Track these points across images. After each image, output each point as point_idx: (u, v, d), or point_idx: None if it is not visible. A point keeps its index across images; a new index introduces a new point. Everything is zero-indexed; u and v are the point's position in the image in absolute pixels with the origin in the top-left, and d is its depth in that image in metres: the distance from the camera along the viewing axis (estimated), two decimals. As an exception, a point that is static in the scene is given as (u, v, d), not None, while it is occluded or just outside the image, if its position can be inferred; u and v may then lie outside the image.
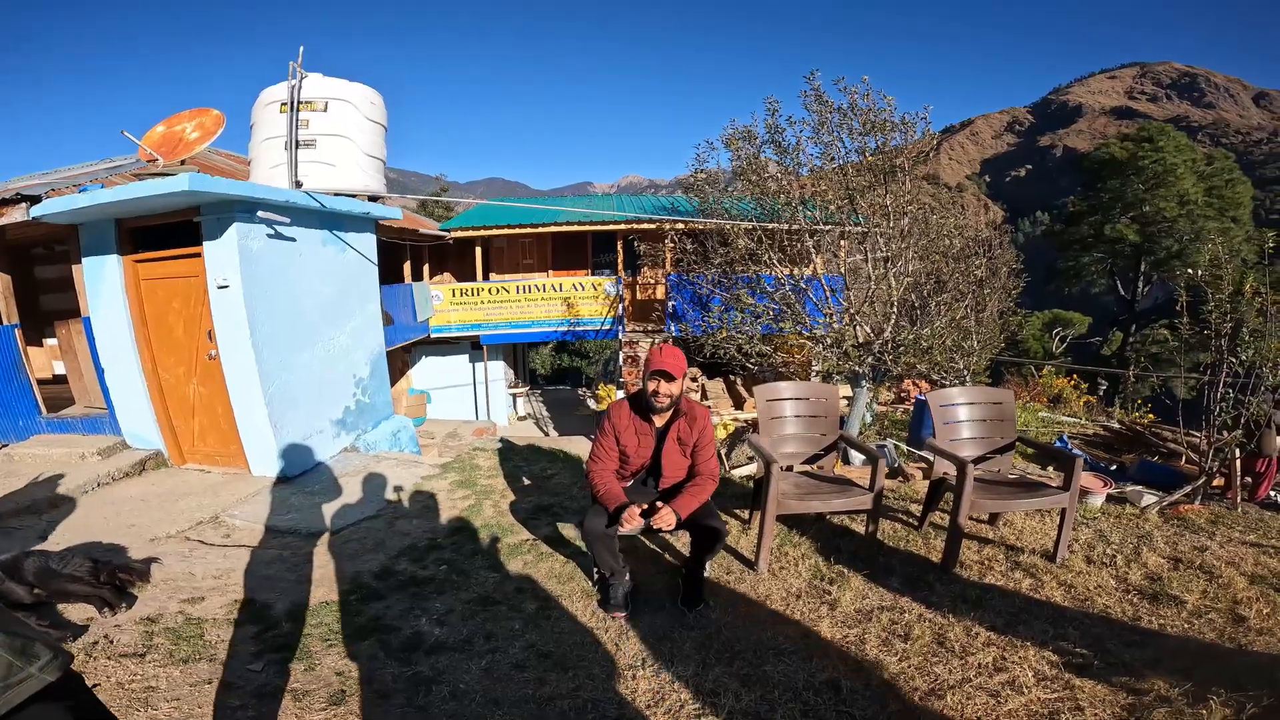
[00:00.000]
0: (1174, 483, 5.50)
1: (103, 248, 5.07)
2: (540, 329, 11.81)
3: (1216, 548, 3.15)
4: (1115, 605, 2.62)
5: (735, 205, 9.24)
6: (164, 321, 5.22)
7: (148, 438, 5.39)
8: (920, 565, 3.11)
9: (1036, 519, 3.66)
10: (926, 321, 7.34)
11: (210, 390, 5.17)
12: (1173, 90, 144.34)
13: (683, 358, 2.71)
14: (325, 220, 5.78)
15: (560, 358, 26.08)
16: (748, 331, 8.42)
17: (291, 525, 4.09)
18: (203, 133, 5.01)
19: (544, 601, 2.85)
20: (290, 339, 5.33)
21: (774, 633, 2.48)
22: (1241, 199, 23.00)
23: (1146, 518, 3.69)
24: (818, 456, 3.63)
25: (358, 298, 6.39)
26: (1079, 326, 25.33)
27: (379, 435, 6.44)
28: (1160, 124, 25.47)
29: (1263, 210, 49.48)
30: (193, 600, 2.93)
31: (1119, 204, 23.54)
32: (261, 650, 2.48)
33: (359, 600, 2.94)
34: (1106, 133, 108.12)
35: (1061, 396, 12.94)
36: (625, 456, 2.82)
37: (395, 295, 9.60)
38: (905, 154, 7.16)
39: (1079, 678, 2.08)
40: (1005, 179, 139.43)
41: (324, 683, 2.26)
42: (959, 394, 3.59)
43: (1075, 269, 26.25)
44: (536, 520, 3.96)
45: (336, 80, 5.61)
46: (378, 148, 5.99)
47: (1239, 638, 2.30)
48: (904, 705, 2.00)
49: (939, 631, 2.44)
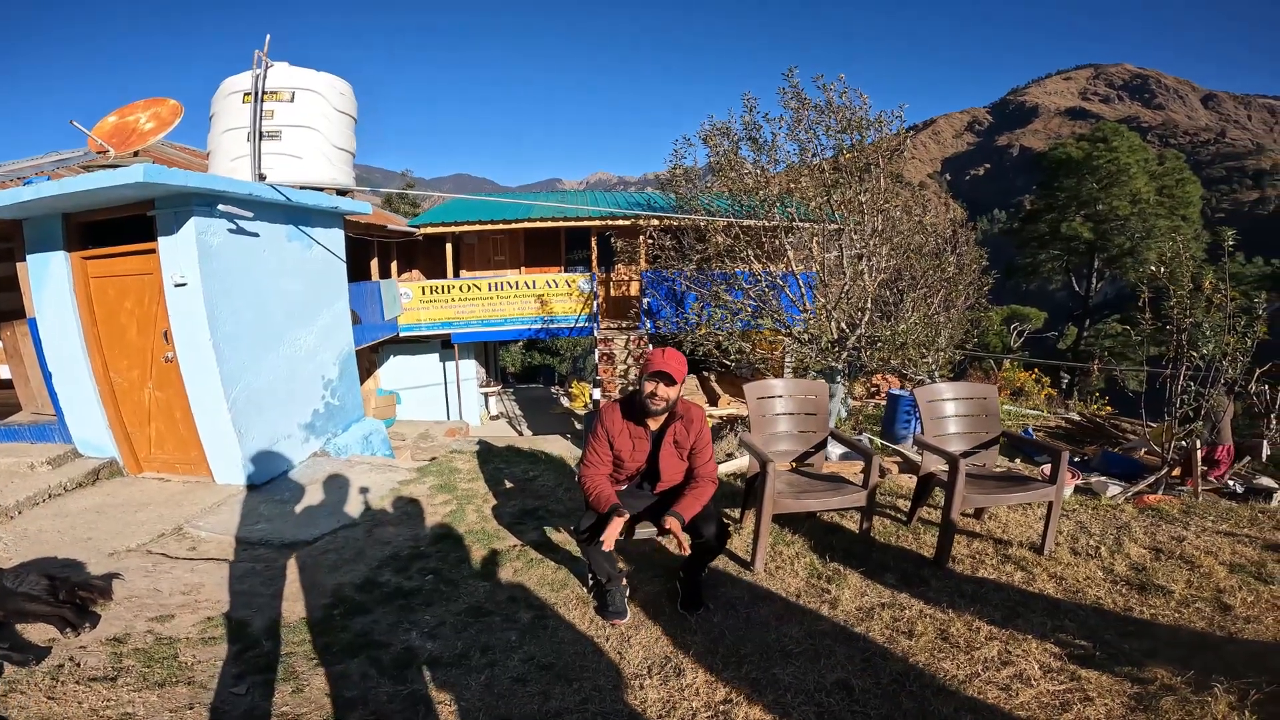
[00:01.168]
0: (1135, 473, 5.72)
1: (49, 244, 4.74)
2: (513, 327, 11.62)
3: (1193, 537, 3.25)
4: (1106, 596, 2.67)
5: (713, 201, 9.23)
6: (115, 322, 4.92)
7: (101, 445, 5.08)
8: (913, 560, 3.13)
9: (1019, 511, 3.73)
10: (900, 317, 7.45)
11: (168, 394, 4.90)
12: (1125, 91, 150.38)
13: (685, 362, 2.62)
14: (291, 215, 5.53)
15: (531, 355, 25.81)
16: (726, 328, 8.42)
17: (263, 536, 3.90)
18: (158, 123, 4.72)
19: (539, 610, 2.76)
20: (254, 339, 5.08)
21: (778, 634, 2.45)
22: (1191, 198, 24.02)
23: (1123, 509, 3.79)
24: (808, 454, 3.62)
25: (326, 296, 6.15)
26: (1035, 321, 26.26)
27: (350, 439, 6.22)
28: (1114, 124, 26.39)
29: (1209, 209, 52.06)
30: (161, 618, 2.76)
31: (1074, 202, 24.37)
32: (243, 671, 2.33)
33: (343, 615, 2.80)
34: (1061, 133, 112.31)
35: (1024, 390, 13.38)
36: (620, 461, 2.73)
37: (363, 293, 9.30)
38: (880, 150, 7.25)
39: (1084, 669, 2.10)
40: (965, 177, 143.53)
41: (315, 705, 2.13)
42: (947, 389, 3.62)
43: (1032, 265, 27.13)
44: (523, 525, 3.86)
45: (304, 70, 5.37)
46: (347, 140, 5.77)
47: (1228, 626, 2.36)
48: (918, 703, 1.99)
49: (941, 627, 2.44)
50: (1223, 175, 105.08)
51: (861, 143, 7.19)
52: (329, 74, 5.57)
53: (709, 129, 8.18)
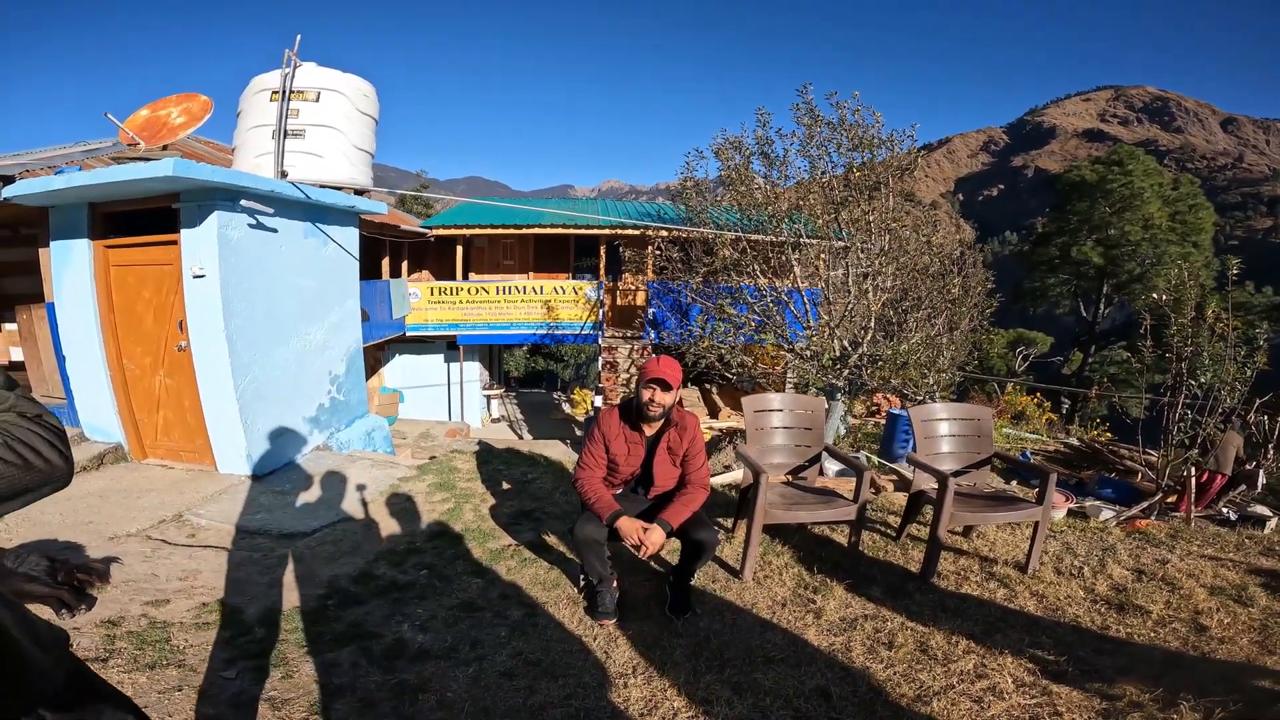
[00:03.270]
0: (1131, 498, 5.73)
1: (73, 231, 4.88)
2: (519, 331, 11.72)
3: (1177, 560, 3.29)
4: (1085, 615, 2.71)
5: (722, 215, 9.33)
6: (133, 310, 5.04)
7: (108, 430, 5.19)
8: (900, 575, 3.18)
9: (1007, 531, 3.77)
10: (903, 337, 7.50)
11: (178, 383, 5.00)
12: (1144, 113, 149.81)
13: (680, 369, 2.71)
14: (309, 212, 5.66)
15: (534, 360, 25.90)
16: (730, 342, 8.48)
17: (262, 525, 3.98)
18: (189, 118, 4.86)
19: (530, 608, 2.82)
20: (266, 332, 5.19)
21: (762, 640, 2.50)
22: (1204, 224, 23.78)
23: (1110, 531, 3.83)
24: (802, 468, 3.68)
25: (337, 293, 6.27)
26: (1041, 346, 26.14)
27: (353, 434, 6.31)
28: (1130, 147, 26.19)
29: (1222, 236, 51.65)
30: (157, 603, 2.82)
31: (1086, 226, 24.17)
32: (234, 656, 2.40)
33: (337, 605, 2.87)
34: (1077, 154, 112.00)
35: (1024, 413, 13.35)
36: (615, 465, 2.80)
37: (373, 291, 9.44)
38: (889, 168, 7.31)
39: (1055, 684, 2.15)
40: (978, 198, 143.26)
41: (303, 691, 2.20)
42: (941, 410, 3.68)
43: (1040, 289, 27.02)
44: (519, 525, 3.93)
45: (330, 70, 5.52)
46: (367, 141, 5.90)
47: (1202, 646, 2.41)
48: (892, 711, 2.04)
49: (921, 639, 2.49)
50: (1238, 201, 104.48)
51: (872, 161, 7.27)
52: (354, 75, 5.72)
53: (721, 142, 8.27)
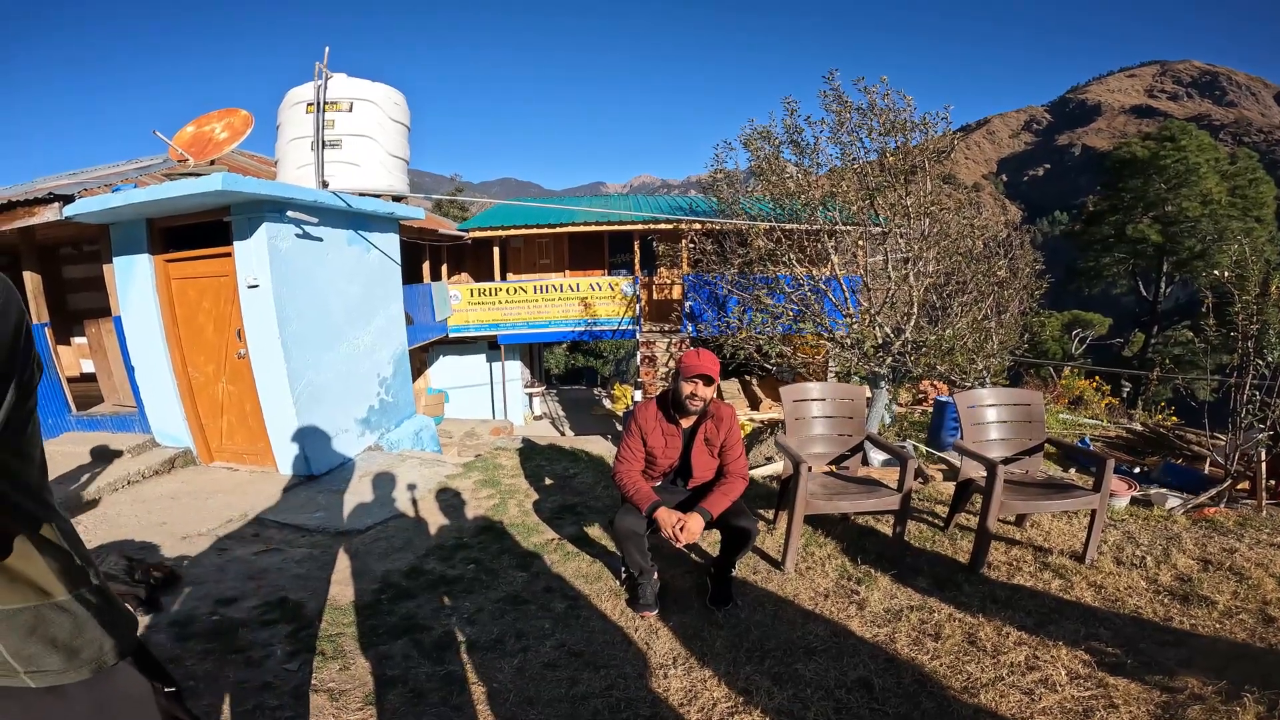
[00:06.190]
0: (1198, 485, 5.43)
1: (134, 247, 5.18)
2: (557, 329, 11.87)
3: (1245, 549, 3.11)
4: (1146, 606, 2.60)
5: (754, 205, 9.24)
6: (194, 321, 5.32)
7: (177, 436, 5.50)
8: (948, 566, 3.11)
9: (1064, 520, 3.64)
10: (948, 323, 7.29)
11: (239, 389, 5.27)
12: (1193, 89, 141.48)
13: (718, 362, 2.72)
14: (351, 220, 5.87)
15: (574, 357, 26.15)
16: (767, 332, 8.41)
17: (320, 524, 4.16)
18: (231, 133, 5.11)
19: (573, 601, 2.88)
20: (317, 338, 5.41)
21: (803, 631, 2.49)
22: (1265, 199, 22.59)
23: (1174, 520, 3.65)
24: (843, 457, 3.63)
25: (381, 297, 6.48)
26: (1099, 327, 25.01)
27: (402, 434, 6.52)
28: (1182, 123, 25.00)
29: (1286, 210, 48.22)
30: (225, 599, 2.98)
31: (1140, 204, 23.18)
32: (296, 649, 2.52)
33: (390, 599, 2.99)
34: (1126, 131, 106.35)
35: (1083, 398, 12.78)
36: (652, 458, 2.83)
37: (415, 295, 9.71)
38: (924, 152, 7.12)
39: (1112, 676, 2.08)
40: (1023, 178, 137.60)
41: (359, 682, 2.30)
42: (988, 395, 3.58)
43: (1095, 269, 25.86)
44: (561, 520, 4.00)
45: (361, 80, 5.70)
46: (401, 148, 6.07)
47: (1270, 638, 2.28)
48: (937, 703, 2.01)
49: (969, 631, 2.44)
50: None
51: (906, 144, 7.09)
52: (384, 84, 5.89)
53: (749, 132, 8.21)
